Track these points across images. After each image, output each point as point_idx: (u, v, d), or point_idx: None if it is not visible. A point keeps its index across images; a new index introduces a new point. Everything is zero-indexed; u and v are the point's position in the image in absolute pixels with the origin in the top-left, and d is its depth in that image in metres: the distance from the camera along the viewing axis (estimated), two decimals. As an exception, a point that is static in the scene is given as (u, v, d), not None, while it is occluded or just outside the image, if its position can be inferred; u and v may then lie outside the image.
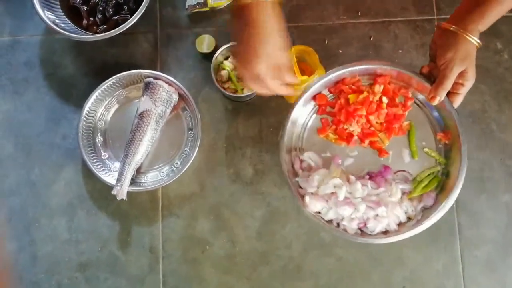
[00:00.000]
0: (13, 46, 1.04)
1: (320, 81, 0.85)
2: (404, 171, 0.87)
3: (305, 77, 0.87)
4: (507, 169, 0.98)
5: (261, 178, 0.98)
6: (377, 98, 0.86)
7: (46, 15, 0.96)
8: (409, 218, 0.86)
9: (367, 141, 0.87)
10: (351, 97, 0.86)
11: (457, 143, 0.83)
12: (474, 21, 0.78)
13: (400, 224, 0.85)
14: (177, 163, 0.98)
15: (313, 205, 0.84)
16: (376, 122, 0.87)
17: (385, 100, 0.86)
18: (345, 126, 0.86)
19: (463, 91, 0.82)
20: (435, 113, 0.87)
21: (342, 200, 0.83)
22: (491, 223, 0.97)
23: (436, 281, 0.96)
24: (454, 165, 0.84)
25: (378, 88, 0.86)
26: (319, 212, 0.85)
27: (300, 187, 0.86)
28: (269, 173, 0.98)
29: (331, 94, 0.90)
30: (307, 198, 0.83)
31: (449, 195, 0.82)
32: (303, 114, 0.89)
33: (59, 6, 1.00)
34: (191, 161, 0.94)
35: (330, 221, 0.85)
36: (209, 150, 0.99)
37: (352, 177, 0.85)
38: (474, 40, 0.78)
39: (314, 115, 0.90)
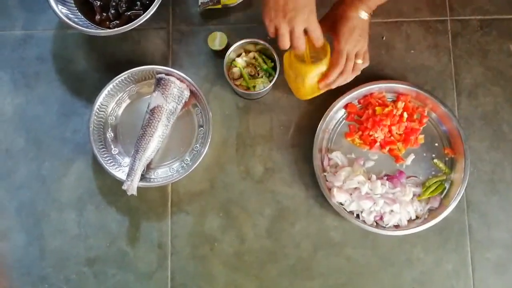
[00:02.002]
0: (26, 40, 1.04)
1: (352, 93, 0.97)
2: (415, 177, 0.98)
3: (313, 65, 0.86)
4: (519, 171, 0.98)
5: (271, 176, 0.98)
6: (399, 112, 0.97)
7: (59, 9, 0.96)
8: (417, 217, 0.96)
9: (387, 148, 0.98)
10: (378, 109, 0.97)
11: (461, 158, 0.95)
12: None
13: (409, 221, 0.96)
14: (187, 159, 0.97)
15: (339, 196, 0.94)
16: (396, 133, 0.98)
17: (405, 115, 0.98)
18: (371, 133, 0.97)
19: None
20: (445, 131, 0.99)
21: (364, 195, 0.94)
22: (502, 225, 0.96)
23: (446, 283, 0.95)
24: (457, 175, 0.96)
25: (401, 104, 0.98)
26: (342, 204, 0.96)
27: (327, 181, 0.96)
28: (279, 172, 0.98)
29: (360, 105, 1.01)
30: (334, 190, 0.94)
31: (452, 200, 0.94)
32: (334, 119, 0.99)
33: (72, 1, 1.00)
34: (201, 157, 0.93)
35: (351, 212, 0.95)
36: (220, 147, 0.99)
37: (373, 176, 0.97)
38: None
39: (344, 121, 1.01)
